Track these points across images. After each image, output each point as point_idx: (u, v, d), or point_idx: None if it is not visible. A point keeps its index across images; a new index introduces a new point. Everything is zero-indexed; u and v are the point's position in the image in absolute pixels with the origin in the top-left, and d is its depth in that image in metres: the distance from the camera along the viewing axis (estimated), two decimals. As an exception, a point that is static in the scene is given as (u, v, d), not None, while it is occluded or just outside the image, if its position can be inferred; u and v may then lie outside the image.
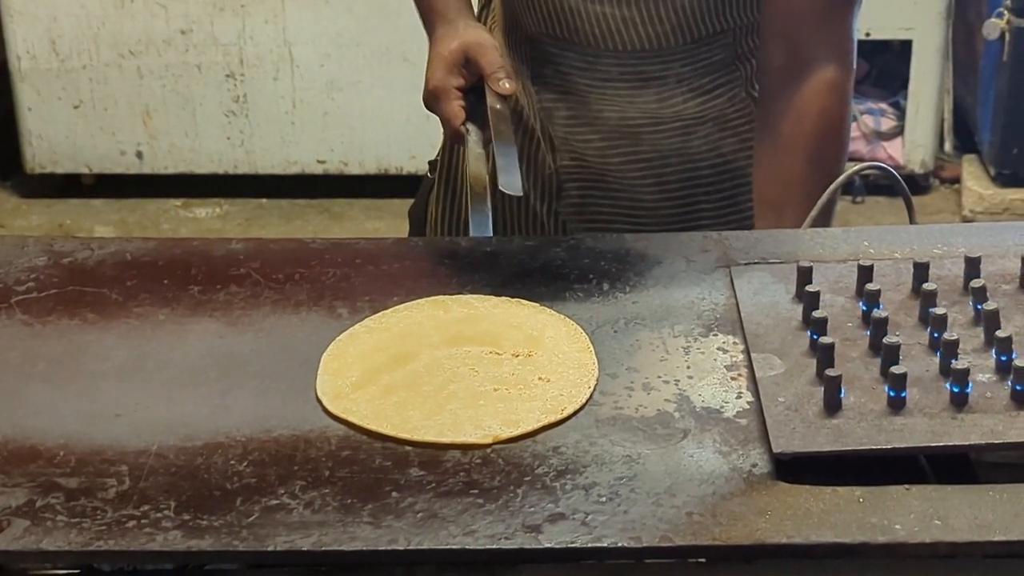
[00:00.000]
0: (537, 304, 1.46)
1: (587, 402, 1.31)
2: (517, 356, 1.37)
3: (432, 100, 1.72)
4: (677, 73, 1.73)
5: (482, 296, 1.48)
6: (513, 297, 1.48)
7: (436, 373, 1.35)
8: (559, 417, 1.28)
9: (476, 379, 1.34)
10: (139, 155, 4.37)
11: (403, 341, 1.40)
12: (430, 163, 1.96)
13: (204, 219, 4.37)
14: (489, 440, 1.26)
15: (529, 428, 1.27)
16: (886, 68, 4.39)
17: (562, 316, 1.43)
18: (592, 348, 1.38)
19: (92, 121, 4.34)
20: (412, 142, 4.12)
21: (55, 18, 4.22)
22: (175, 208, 4.42)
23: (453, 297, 1.48)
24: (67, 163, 4.40)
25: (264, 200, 4.41)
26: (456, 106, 1.69)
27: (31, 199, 4.46)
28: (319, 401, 1.32)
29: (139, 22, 4.21)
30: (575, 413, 1.29)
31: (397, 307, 1.47)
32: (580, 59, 1.73)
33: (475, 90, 1.71)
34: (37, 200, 4.45)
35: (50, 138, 4.36)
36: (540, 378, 1.33)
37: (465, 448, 1.25)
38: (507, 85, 1.67)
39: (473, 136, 1.69)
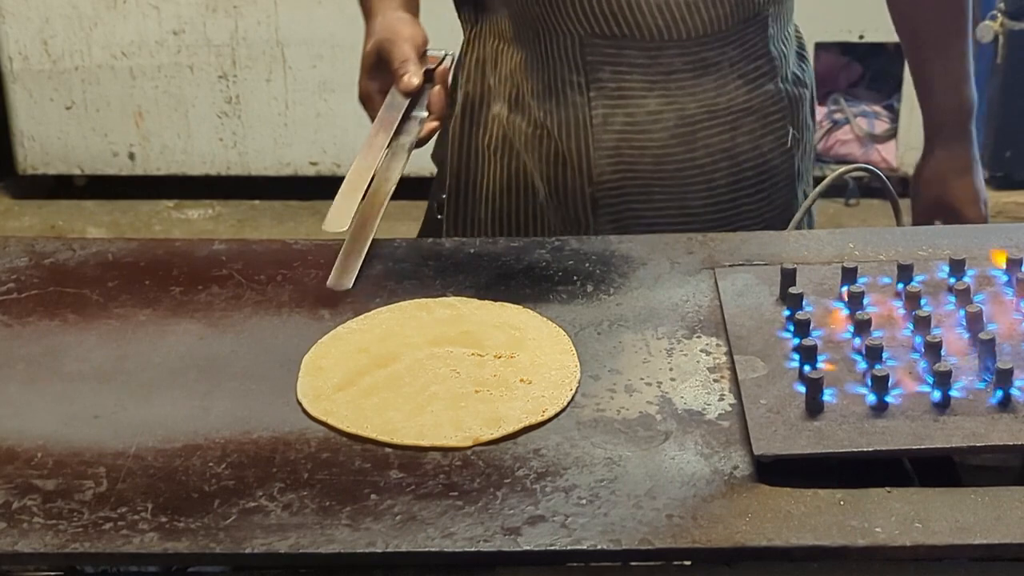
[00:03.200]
0: (519, 306, 1.45)
1: (569, 404, 1.30)
2: (499, 358, 1.36)
3: (362, 106, 1.70)
4: (730, 58, 1.72)
5: (464, 298, 1.47)
6: (497, 298, 1.47)
7: (418, 375, 1.34)
8: (541, 419, 1.28)
9: (458, 381, 1.33)
10: (131, 156, 4.36)
11: (385, 343, 1.40)
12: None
13: (196, 220, 4.36)
14: (469, 442, 1.25)
15: (510, 430, 1.26)
16: (880, 71, 4.39)
17: (544, 318, 1.43)
18: (574, 350, 1.37)
19: (84, 122, 4.33)
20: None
21: (47, 19, 4.22)
22: (167, 209, 4.41)
23: (436, 299, 1.47)
24: (59, 164, 4.40)
25: (257, 201, 4.41)
26: (377, 110, 1.65)
27: (23, 200, 4.46)
28: (299, 403, 1.31)
29: (131, 23, 4.20)
30: (557, 415, 1.29)
31: (380, 309, 1.46)
32: (642, 55, 1.69)
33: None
34: (29, 201, 4.45)
35: (42, 139, 4.36)
36: (522, 380, 1.33)
37: (445, 450, 1.24)
38: (412, 80, 1.62)
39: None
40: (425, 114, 1.65)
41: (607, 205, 1.75)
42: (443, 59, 1.69)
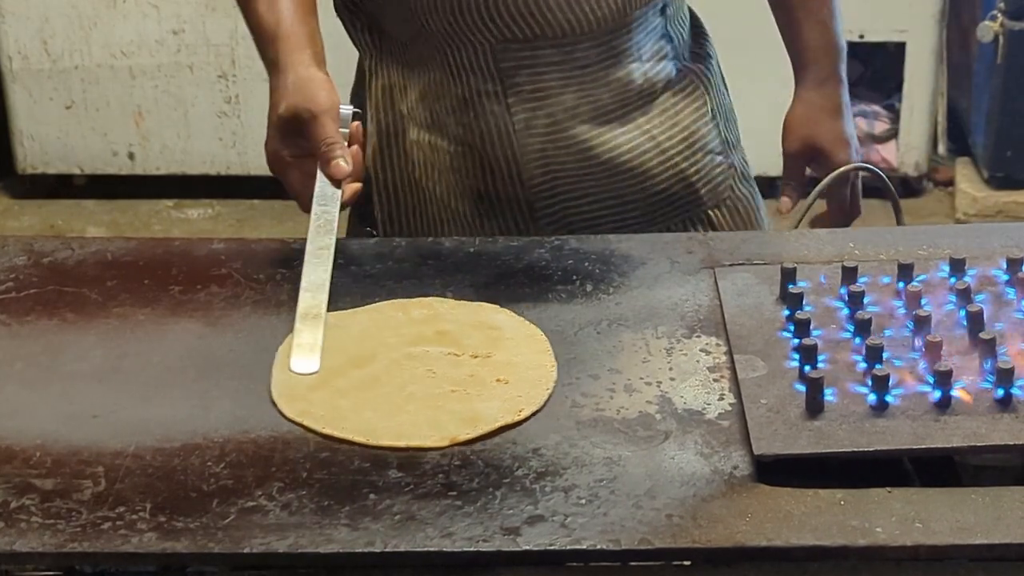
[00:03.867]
0: (495, 305, 1.45)
1: (545, 403, 1.30)
2: (476, 357, 1.36)
3: (272, 168, 1.59)
4: (636, 41, 1.72)
5: (441, 298, 1.47)
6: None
7: (394, 375, 1.34)
8: (517, 418, 1.28)
9: (434, 381, 1.33)
10: (131, 156, 4.36)
11: (361, 343, 1.39)
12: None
13: (196, 220, 4.36)
14: (446, 442, 1.25)
15: (486, 429, 1.26)
16: (880, 70, 4.39)
17: (521, 318, 1.42)
18: (551, 350, 1.37)
19: (84, 122, 4.32)
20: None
21: (47, 18, 4.21)
22: (167, 209, 4.41)
23: (413, 300, 1.47)
24: (59, 164, 4.39)
25: (256, 201, 4.40)
26: (295, 178, 1.56)
27: (23, 200, 4.45)
28: (273, 403, 1.30)
29: (131, 22, 4.20)
30: (534, 414, 1.28)
31: (356, 309, 1.45)
32: (557, 52, 1.69)
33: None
34: (29, 201, 4.44)
35: (42, 139, 4.35)
36: (498, 379, 1.32)
37: (421, 451, 1.24)
38: (343, 166, 1.51)
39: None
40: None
41: (543, 208, 1.73)
42: (353, 118, 1.58)
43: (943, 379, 1.25)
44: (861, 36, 4.05)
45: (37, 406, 1.31)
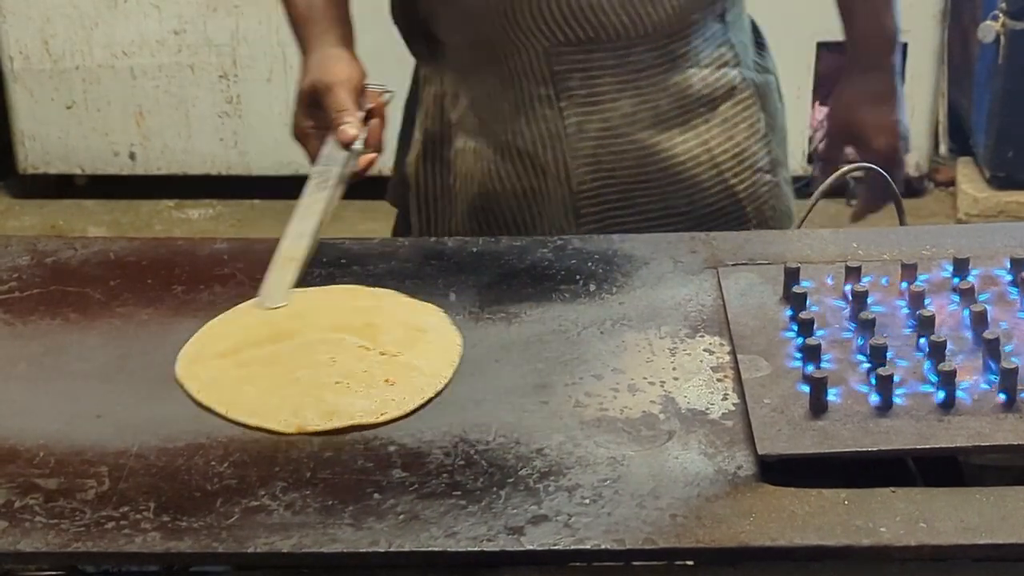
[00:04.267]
0: (444, 312, 1.43)
1: (413, 411, 1.29)
2: (383, 355, 1.36)
3: (295, 138, 1.68)
4: (695, 47, 1.72)
5: (396, 293, 1.47)
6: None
7: (297, 357, 1.35)
8: (375, 420, 1.27)
9: (328, 369, 1.33)
10: (132, 156, 4.36)
11: (291, 320, 1.41)
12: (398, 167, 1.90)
13: (197, 220, 4.36)
14: (292, 429, 1.26)
15: (339, 424, 1.27)
16: (881, 71, 4.38)
17: (453, 327, 1.41)
18: (456, 362, 1.35)
19: (85, 122, 4.32)
20: (406, 143, 4.10)
21: (48, 18, 4.21)
22: (168, 209, 4.41)
23: (371, 288, 1.48)
24: (60, 164, 4.39)
25: (257, 201, 4.40)
26: (313, 147, 1.63)
27: (24, 200, 4.45)
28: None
29: (132, 22, 4.20)
30: (390, 421, 1.27)
31: (316, 288, 1.47)
32: (611, 56, 1.69)
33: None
34: (30, 201, 4.44)
35: (43, 139, 4.35)
36: (387, 380, 1.32)
37: (270, 433, 1.26)
38: (349, 131, 1.59)
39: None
40: (362, 147, 1.61)
41: (588, 214, 1.74)
42: (382, 96, 1.67)
43: (947, 379, 1.25)
44: (862, 36, 4.04)
45: (40, 406, 1.31)
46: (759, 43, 1.84)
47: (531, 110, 1.72)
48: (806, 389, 1.27)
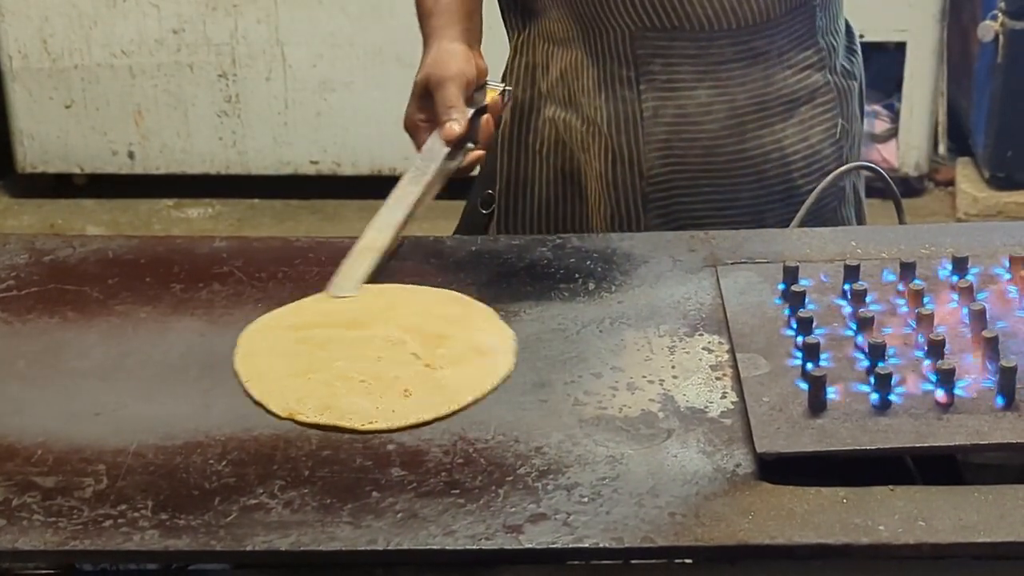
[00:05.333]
0: (513, 338, 1.40)
1: (400, 429, 1.27)
2: (427, 367, 1.35)
3: (406, 130, 1.69)
4: (779, 46, 1.73)
5: (491, 311, 1.44)
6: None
7: (350, 347, 1.37)
8: (355, 426, 1.27)
9: (365, 366, 1.34)
10: (131, 155, 4.35)
11: (373, 311, 1.43)
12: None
13: (196, 220, 4.35)
14: (284, 414, 1.28)
15: (326, 422, 1.27)
16: (880, 70, 4.38)
17: (513, 358, 1.37)
18: (480, 393, 1.32)
19: (84, 121, 4.32)
20: (405, 143, 4.06)
21: (47, 17, 4.20)
22: (167, 208, 4.40)
23: (473, 301, 1.46)
24: (59, 163, 4.38)
25: (256, 201, 4.40)
26: (422, 140, 1.64)
27: (22, 199, 4.45)
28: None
29: (131, 21, 4.19)
30: (374, 432, 1.27)
31: (421, 288, 1.48)
32: (693, 46, 1.70)
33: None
34: (28, 200, 4.44)
35: (42, 138, 4.34)
36: (405, 390, 1.32)
37: (268, 412, 1.28)
38: (454, 128, 1.59)
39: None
40: (471, 144, 1.63)
41: (657, 199, 1.75)
42: (501, 93, 1.68)
43: (946, 377, 1.25)
44: (861, 36, 4.00)
45: (39, 404, 1.31)
46: (851, 47, 1.85)
47: (611, 89, 1.74)
48: (805, 387, 1.27)
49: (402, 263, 1.54)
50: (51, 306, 1.46)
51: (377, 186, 1.96)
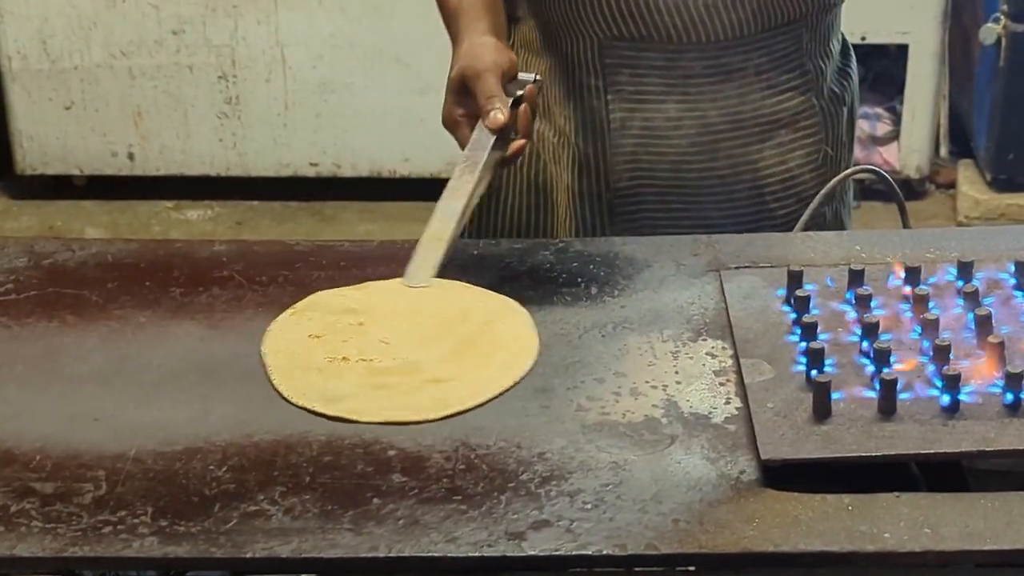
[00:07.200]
0: (534, 357, 1.38)
1: (386, 423, 1.28)
2: (432, 380, 1.34)
3: (446, 127, 1.67)
4: (756, 64, 1.70)
5: (532, 331, 1.42)
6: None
7: (370, 338, 1.38)
8: (344, 416, 1.28)
9: (393, 364, 1.34)
10: (130, 156, 4.35)
11: (417, 306, 1.43)
12: None
13: (195, 221, 4.35)
14: (301, 401, 1.30)
15: (323, 411, 1.29)
16: (882, 73, 4.38)
17: (522, 373, 1.36)
18: (467, 405, 1.31)
19: (83, 122, 4.31)
20: (405, 144, 4.09)
21: (46, 18, 4.20)
22: (166, 210, 4.39)
23: (524, 313, 1.44)
24: (58, 164, 4.37)
25: (256, 202, 4.39)
26: (464, 135, 1.62)
27: (22, 200, 4.44)
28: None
29: (131, 23, 4.19)
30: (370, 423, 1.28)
31: (481, 289, 1.48)
32: (661, 57, 1.69)
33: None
34: (28, 202, 4.43)
35: (41, 139, 4.34)
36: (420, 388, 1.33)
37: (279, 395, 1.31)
38: (498, 117, 1.57)
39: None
40: (512, 134, 1.61)
41: (623, 212, 1.74)
42: (533, 82, 1.66)
43: (951, 383, 1.24)
44: (863, 38, 4.03)
45: (37, 409, 1.30)
46: (845, 70, 1.82)
47: (580, 99, 1.74)
48: (809, 393, 1.26)
49: (402, 267, 1.53)
50: (50, 310, 1.45)
51: (377, 188, 1.95)
